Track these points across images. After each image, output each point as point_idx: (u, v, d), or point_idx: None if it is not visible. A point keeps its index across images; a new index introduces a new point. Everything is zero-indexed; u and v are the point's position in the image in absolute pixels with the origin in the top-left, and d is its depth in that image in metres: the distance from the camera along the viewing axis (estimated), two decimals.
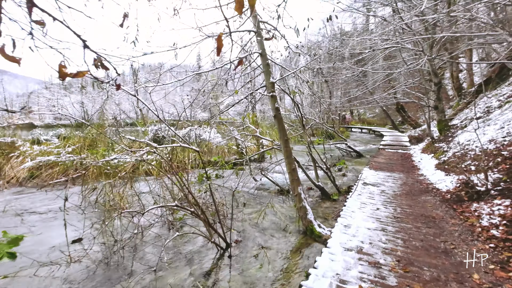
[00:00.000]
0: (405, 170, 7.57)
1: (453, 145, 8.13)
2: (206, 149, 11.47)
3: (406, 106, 21.78)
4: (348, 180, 7.42)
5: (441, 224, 3.75)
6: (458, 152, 7.10)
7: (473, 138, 7.06)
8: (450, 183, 5.52)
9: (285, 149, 4.34)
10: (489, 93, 11.86)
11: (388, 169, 7.64)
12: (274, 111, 4.47)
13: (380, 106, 19.85)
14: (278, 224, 4.42)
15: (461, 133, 8.77)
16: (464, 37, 14.64)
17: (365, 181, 6.32)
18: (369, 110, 37.04)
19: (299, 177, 4.30)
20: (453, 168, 6.43)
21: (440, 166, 7.18)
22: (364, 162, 9.56)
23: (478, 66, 18.39)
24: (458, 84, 16.36)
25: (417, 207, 4.46)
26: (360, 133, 23.50)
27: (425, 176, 6.77)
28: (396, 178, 6.66)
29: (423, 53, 10.55)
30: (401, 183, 6.13)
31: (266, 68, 4.60)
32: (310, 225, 3.90)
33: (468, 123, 9.31)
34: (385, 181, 6.34)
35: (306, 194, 6.07)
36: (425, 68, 11.31)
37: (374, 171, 7.41)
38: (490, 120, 7.73)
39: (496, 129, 6.50)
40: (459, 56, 18.77)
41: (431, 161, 8.37)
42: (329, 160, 9.92)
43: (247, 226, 4.32)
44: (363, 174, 7.03)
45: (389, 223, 3.82)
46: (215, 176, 7.64)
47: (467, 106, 14.24)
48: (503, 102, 8.54)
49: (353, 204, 4.58)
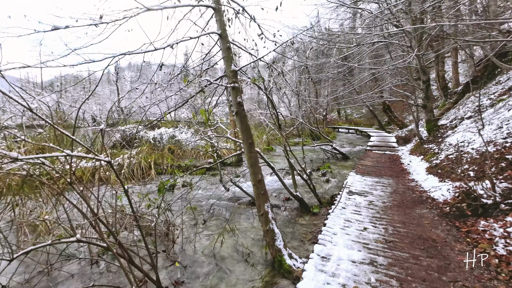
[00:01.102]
0: (395, 175, 6.82)
1: (444, 146, 7.49)
2: (180, 152, 10.37)
3: (392, 106, 21.48)
4: (332, 187, 6.58)
5: (445, 251, 2.91)
6: (451, 154, 6.42)
7: (468, 139, 6.41)
8: (447, 191, 4.77)
9: (249, 154, 3.39)
10: (476, 92, 11.48)
11: (376, 174, 6.87)
12: (236, 107, 3.52)
13: (367, 106, 19.40)
14: (241, 250, 3.46)
15: (452, 134, 8.17)
16: (450, 36, 14.28)
17: (351, 189, 5.49)
18: (356, 111, 36.94)
19: (266, 191, 3.36)
20: (447, 173, 5.71)
21: (432, 170, 6.48)
22: (350, 166, 8.79)
23: (468, 65, 18.28)
24: (444, 83, 16.07)
25: (413, 225, 3.63)
26: (347, 133, 23.01)
27: (417, 182, 6.02)
28: (385, 184, 5.87)
29: (411, 48, 9.96)
30: (391, 191, 5.34)
31: (227, 53, 3.64)
32: (279, 255, 2.96)
33: (458, 123, 8.75)
34: (373, 188, 5.53)
35: (283, 206, 5.16)
36: (413, 65, 10.76)
37: (360, 176, 6.62)
38: (484, 120, 7.13)
39: (493, 129, 5.85)
40: (445, 55, 18.62)
41: (422, 164, 7.69)
42: (313, 163, 9.12)
43: (199, 256, 3.33)
44: (349, 180, 6.20)
45: (380, 250, 2.94)
46: (182, 185, 6.59)
47: (453, 106, 13.89)
48: (495, 101, 8.01)
49: (335, 222, 3.69)
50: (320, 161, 9.65)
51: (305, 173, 4.99)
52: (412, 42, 9.85)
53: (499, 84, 10.12)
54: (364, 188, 5.57)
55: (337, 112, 36.72)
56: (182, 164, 8.19)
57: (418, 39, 9.66)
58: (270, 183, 6.79)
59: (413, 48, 9.56)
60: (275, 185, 6.52)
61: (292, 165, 5.01)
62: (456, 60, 16.11)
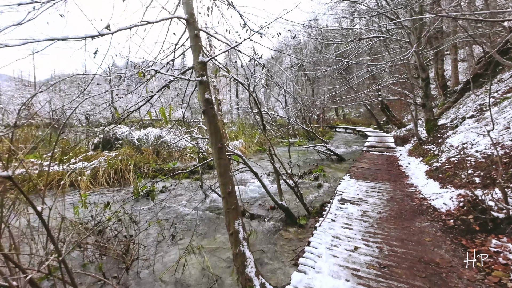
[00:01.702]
0: (392, 179, 6.30)
1: (445, 148, 6.98)
2: (164, 153, 9.80)
3: (391, 105, 20.99)
4: (325, 192, 6.05)
5: (452, 280, 2.39)
6: (453, 157, 5.91)
7: (471, 141, 5.90)
8: (449, 200, 4.25)
9: (218, 161, 2.85)
10: (476, 91, 11.00)
11: (372, 178, 6.35)
12: (203, 104, 2.97)
13: (364, 105, 18.89)
14: (211, 275, 2.92)
15: (453, 135, 7.67)
16: (449, 33, 13.79)
17: (343, 195, 4.96)
18: (354, 110, 36.46)
19: (238, 205, 2.81)
20: (449, 178, 5.20)
21: (433, 174, 5.97)
22: (345, 168, 8.27)
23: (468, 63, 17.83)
24: (444, 82, 15.59)
25: (412, 243, 3.10)
26: (345, 133, 22.51)
27: (416, 188, 5.51)
28: (382, 190, 5.35)
29: (409, 44, 9.45)
30: (388, 199, 4.81)
31: (195, 42, 3.09)
32: (249, 285, 2.43)
33: (459, 122, 8.25)
34: (368, 195, 5.01)
35: (267, 216, 4.62)
36: (412, 62, 10.25)
37: (355, 180, 6.10)
38: (487, 119, 6.63)
39: (499, 130, 5.34)
40: (444, 53, 18.13)
41: (421, 166, 7.19)
42: (305, 166, 8.59)
43: (158, 284, 2.78)
44: (342, 185, 5.68)
45: (372, 280, 2.41)
46: (160, 190, 6.03)
47: (453, 105, 13.41)
48: (498, 99, 7.50)
49: (321, 240, 3.16)
50: (314, 162, 9.13)
51: (292, 179, 4.45)
52: (410, 38, 9.35)
53: (501, 82, 9.62)
54: (358, 194, 5.05)
55: (335, 111, 36.22)
56: (164, 168, 7.62)
57: (417, 34, 9.15)
58: (256, 189, 6.25)
59: (412, 44, 9.05)
60: (262, 191, 5.99)
61: (278, 171, 4.47)
62: (456, 57, 15.63)
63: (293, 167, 7.86)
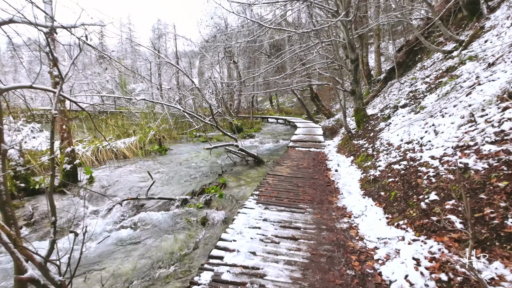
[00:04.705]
0: (317, 198, 4.12)
1: (381, 146, 5.26)
2: None
3: (320, 94, 20.29)
4: (207, 238, 3.38)
5: None
6: (396, 163, 4.06)
7: (417, 139, 4.14)
8: (414, 266, 2.11)
9: None
10: (400, 79, 10.30)
11: (289, 199, 4.03)
12: None
13: (295, 93, 17.44)
14: None
15: (386, 128, 6.13)
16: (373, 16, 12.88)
17: (224, 262, 2.37)
18: (288, 100, 36.01)
19: None
20: (399, 205, 3.22)
21: (371, 189, 4.03)
22: (258, 178, 5.88)
23: (392, 51, 18.04)
24: (368, 70, 15.16)
25: None
26: (277, 123, 20.98)
27: (351, 218, 3.39)
28: (299, 231, 3.00)
29: (337, 13, 7.63)
30: (305, 259, 2.45)
31: None
32: None
33: (391, 112, 6.85)
34: (273, 252, 2.54)
35: None
36: (341, 40, 8.57)
37: (261, 208, 3.64)
38: (427, 108, 5.13)
39: (457, 123, 3.62)
40: (368, 41, 18.04)
41: (353, 171, 5.35)
42: (210, 174, 5.79)
43: None
44: (234, 225, 3.11)
45: None
46: None
47: (378, 94, 12.85)
48: (432, 85, 6.26)
49: None
50: (223, 169, 6.48)
51: None
52: (339, 8, 7.48)
53: (424, 69, 8.79)
54: (255, 253, 2.53)
55: (269, 101, 34.93)
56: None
57: (346, 5, 7.31)
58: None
59: (340, 13, 7.22)
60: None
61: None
62: (379, 45, 15.38)
63: (185, 181, 5.02)
